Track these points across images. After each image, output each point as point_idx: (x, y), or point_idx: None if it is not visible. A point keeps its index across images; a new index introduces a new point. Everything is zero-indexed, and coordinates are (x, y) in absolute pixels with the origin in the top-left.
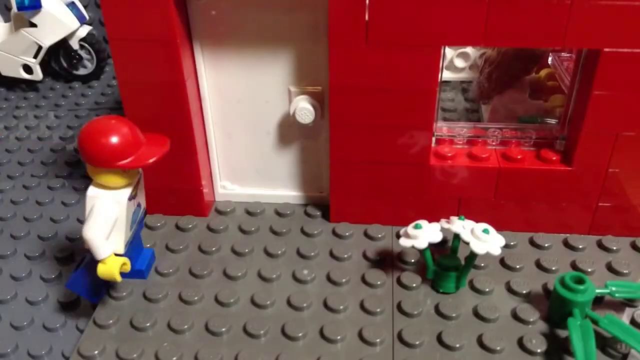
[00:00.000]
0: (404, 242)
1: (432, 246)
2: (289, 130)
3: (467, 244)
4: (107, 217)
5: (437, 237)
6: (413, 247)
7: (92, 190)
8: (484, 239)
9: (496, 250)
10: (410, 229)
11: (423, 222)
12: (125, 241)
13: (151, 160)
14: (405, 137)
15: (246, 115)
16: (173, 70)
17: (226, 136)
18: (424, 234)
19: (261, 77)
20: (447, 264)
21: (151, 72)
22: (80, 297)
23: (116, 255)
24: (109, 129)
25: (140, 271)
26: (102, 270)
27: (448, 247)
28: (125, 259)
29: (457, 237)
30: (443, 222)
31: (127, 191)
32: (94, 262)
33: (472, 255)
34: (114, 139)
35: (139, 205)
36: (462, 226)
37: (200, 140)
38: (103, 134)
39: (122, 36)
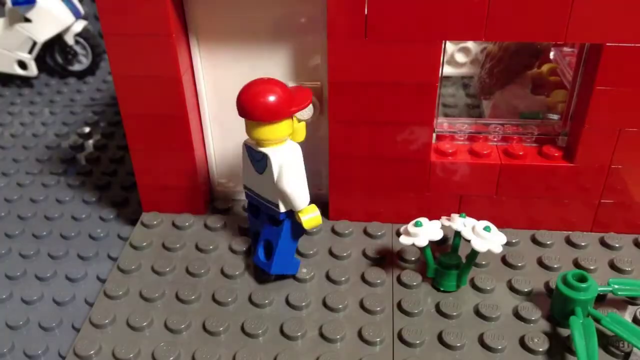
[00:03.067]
0: (404, 240)
1: (432, 244)
2: None
3: (468, 241)
4: (296, 165)
5: (438, 235)
6: (413, 245)
7: (271, 151)
8: (485, 237)
9: (497, 248)
10: (410, 226)
11: (423, 220)
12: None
13: (308, 102)
14: (406, 134)
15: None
16: (169, 65)
17: (224, 132)
18: (424, 232)
19: (259, 72)
20: (448, 262)
21: (147, 68)
22: (75, 296)
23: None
24: (271, 85)
25: (296, 263)
26: (309, 220)
27: (449, 245)
28: (313, 204)
29: (457, 234)
30: (444, 220)
31: (290, 140)
32: (285, 237)
33: (473, 253)
34: (282, 91)
35: None
36: (463, 224)
37: (197, 136)
38: (272, 90)
39: (117, 31)
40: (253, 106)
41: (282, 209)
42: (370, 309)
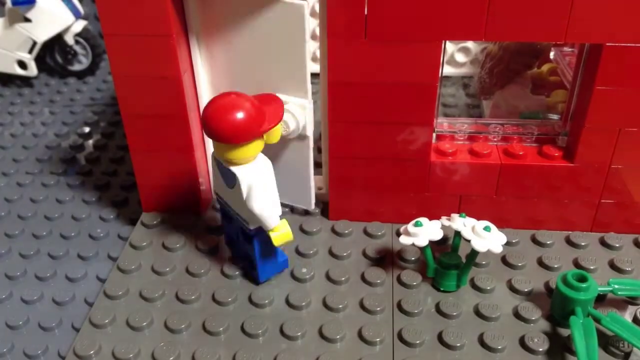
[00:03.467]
0: (404, 240)
1: (432, 244)
2: None
3: (468, 241)
4: (265, 184)
5: (438, 235)
6: (413, 244)
7: (240, 170)
8: (485, 237)
9: (497, 248)
10: (410, 226)
11: (423, 220)
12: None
13: (279, 118)
14: (406, 134)
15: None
16: (169, 65)
17: None
18: (424, 232)
19: (259, 72)
20: (448, 262)
21: (147, 67)
22: (75, 296)
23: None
24: (238, 104)
25: (283, 261)
26: (278, 238)
27: (449, 245)
28: (284, 219)
29: (457, 234)
30: (444, 220)
31: (261, 154)
32: (259, 250)
33: (473, 253)
34: (251, 109)
35: None
36: (463, 224)
37: (197, 136)
38: (238, 109)
39: (117, 31)
40: (221, 129)
41: (252, 226)
42: (370, 309)
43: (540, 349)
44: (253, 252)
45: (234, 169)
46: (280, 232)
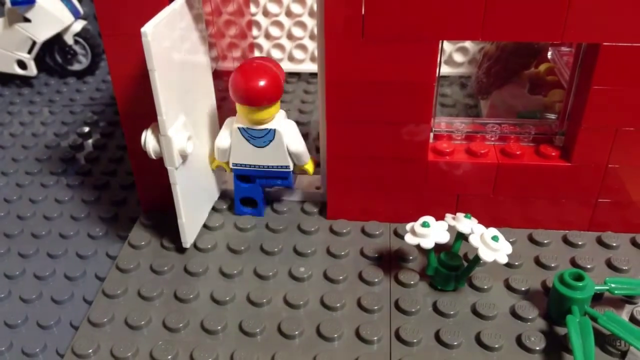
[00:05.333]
0: (410, 239)
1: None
2: None
3: (475, 248)
4: (296, 127)
5: (444, 238)
6: (419, 245)
7: (276, 124)
8: (493, 247)
9: (504, 259)
10: (417, 226)
11: (431, 220)
12: None
13: (282, 71)
14: (403, 133)
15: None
16: None
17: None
18: (431, 234)
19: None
20: (449, 262)
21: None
22: (74, 294)
23: None
24: (267, 67)
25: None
26: (311, 167)
27: (449, 245)
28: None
29: (459, 237)
30: (449, 219)
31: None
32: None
33: (477, 260)
34: (274, 69)
35: None
36: (470, 228)
37: None
38: (271, 71)
39: (115, 31)
40: (259, 93)
41: (291, 167)
42: (367, 308)
43: (537, 348)
44: (287, 184)
45: (269, 126)
46: (311, 164)
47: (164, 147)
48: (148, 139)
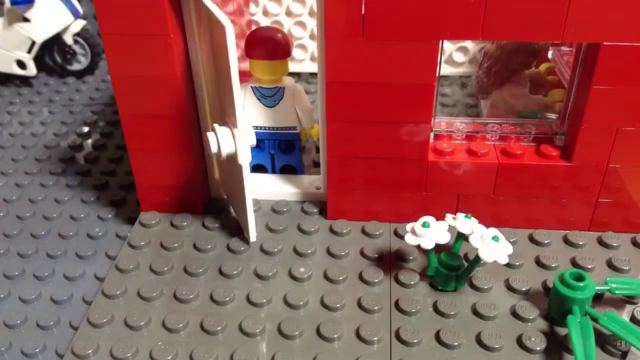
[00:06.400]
0: (411, 239)
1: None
2: None
3: (476, 249)
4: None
5: (445, 239)
6: (419, 245)
7: (285, 82)
8: (493, 247)
9: (504, 260)
10: (418, 226)
11: (431, 220)
12: None
13: None
14: (404, 133)
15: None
16: (167, 65)
17: None
18: (431, 234)
19: None
20: (449, 262)
21: (145, 67)
22: (73, 295)
23: None
24: (276, 28)
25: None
26: (316, 132)
27: (449, 245)
28: None
29: (460, 237)
30: (449, 219)
31: None
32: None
33: (477, 260)
34: (282, 30)
35: None
36: (470, 228)
37: (195, 136)
38: (280, 30)
39: (114, 31)
40: (279, 45)
41: (298, 128)
42: (367, 308)
43: (538, 348)
44: (295, 153)
45: (280, 85)
46: (317, 128)
47: (241, 143)
48: (222, 140)
